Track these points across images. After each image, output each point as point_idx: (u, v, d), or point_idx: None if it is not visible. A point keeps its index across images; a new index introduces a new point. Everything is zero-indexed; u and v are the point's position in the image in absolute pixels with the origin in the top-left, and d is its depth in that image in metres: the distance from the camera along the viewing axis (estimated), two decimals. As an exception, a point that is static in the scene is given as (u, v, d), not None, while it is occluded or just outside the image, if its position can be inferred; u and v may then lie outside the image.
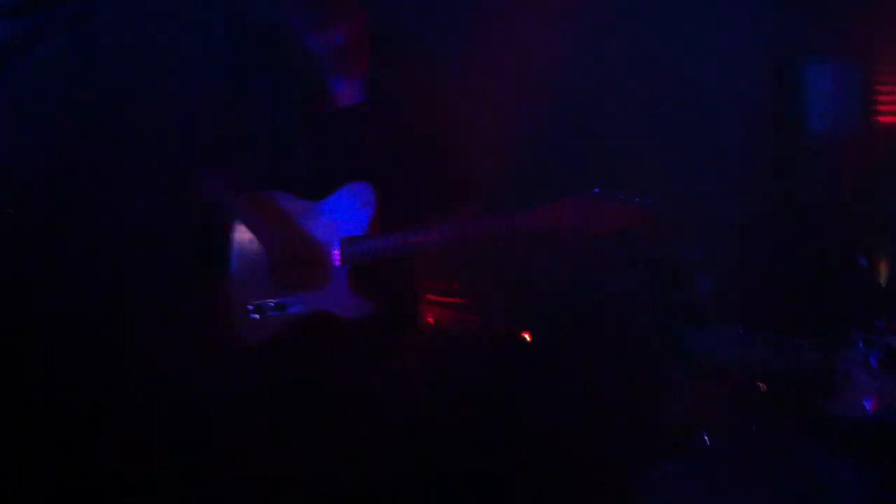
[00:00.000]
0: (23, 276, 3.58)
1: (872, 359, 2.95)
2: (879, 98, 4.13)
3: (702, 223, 3.78)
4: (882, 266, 3.61)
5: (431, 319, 3.92)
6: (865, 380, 2.97)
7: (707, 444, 3.17)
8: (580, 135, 4.00)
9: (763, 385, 3.23)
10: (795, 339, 3.23)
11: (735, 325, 3.34)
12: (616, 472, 3.45)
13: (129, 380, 3.57)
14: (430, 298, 3.96)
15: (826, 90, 4.13)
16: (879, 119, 4.13)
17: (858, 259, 3.60)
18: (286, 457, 3.18)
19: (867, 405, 2.96)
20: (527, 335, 3.86)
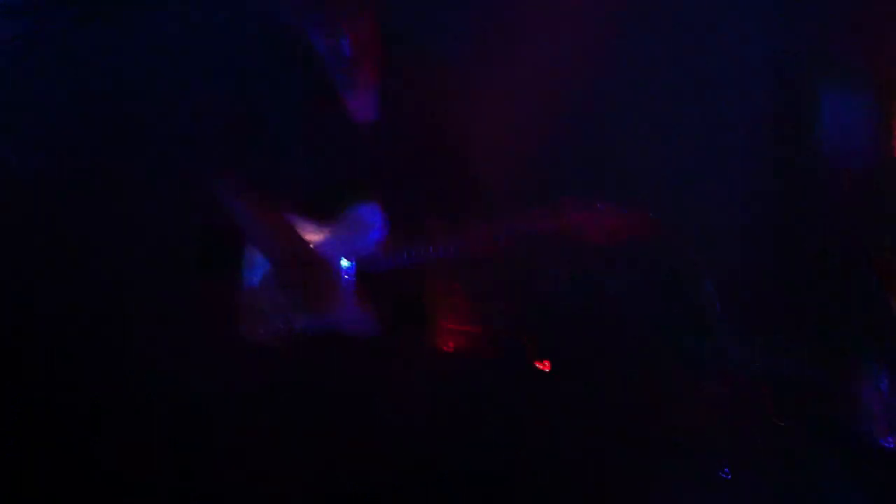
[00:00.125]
0: (23, 276, 3.58)
1: (883, 384, 2.96)
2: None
3: (704, 225, 3.78)
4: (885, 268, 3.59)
5: (449, 348, 3.84)
6: (876, 404, 2.97)
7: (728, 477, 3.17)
8: (583, 138, 4.00)
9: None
10: (806, 356, 3.23)
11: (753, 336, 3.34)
12: (616, 473, 3.46)
13: (129, 380, 3.57)
14: (449, 327, 3.88)
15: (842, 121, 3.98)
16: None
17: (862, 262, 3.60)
18: (286, 457, 3.18)
19: (874, 427, 2.97)
20: (546, 366, 3.81)
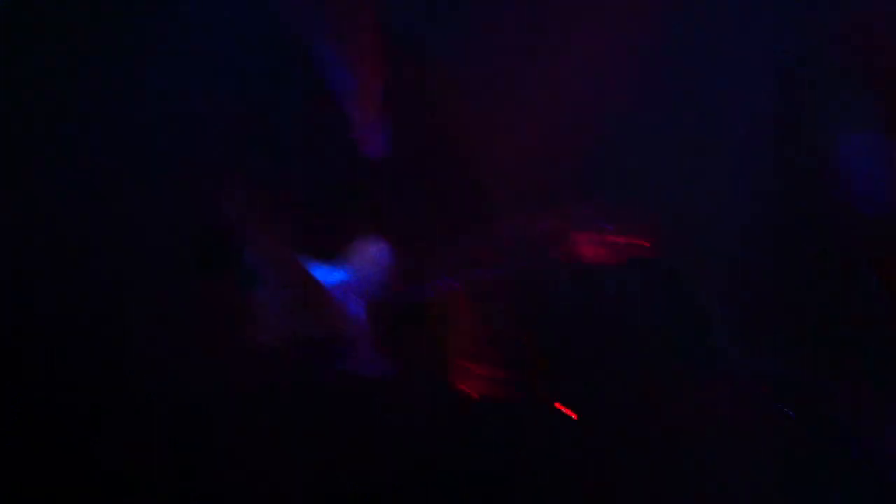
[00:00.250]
0: (23, 276, 3.58)
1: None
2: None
3: (704, 225, 3.78)
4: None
5: (474, 393, 3.81)
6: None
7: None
8: (583, 138, 3.99)
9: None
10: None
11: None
12: (616, 473, 3.46)
13: (129, 380, 3.57)
14: (472, 369, 3.84)
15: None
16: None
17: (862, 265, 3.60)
18: (286, 457, 3.18)
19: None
20: (571, 413, 3.77)
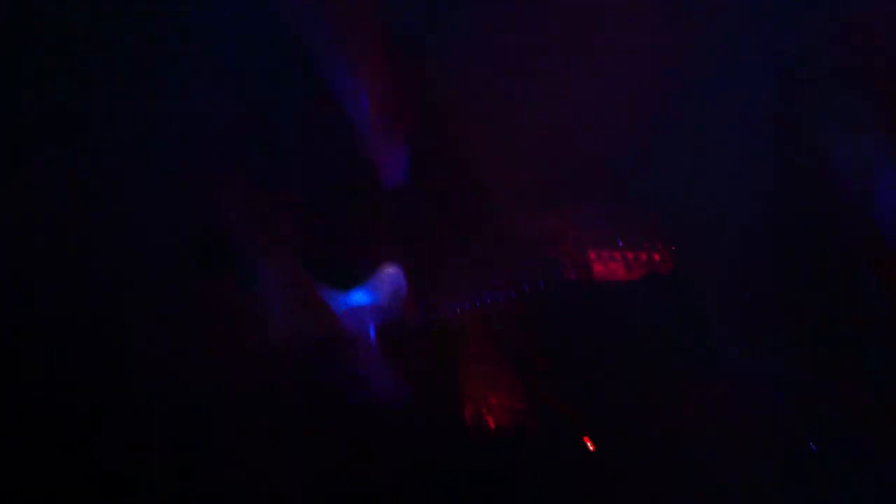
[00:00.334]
0: (23, 276, 3.58)
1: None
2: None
3: (704, 225, 3.78)
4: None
5: (493, 423, 3.78)
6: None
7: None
8: (583, 138, 3.99)
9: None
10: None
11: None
12: (616, 473, 3.46)
13: (129, 380, 3.57)
14: (493, 401, 3.81)
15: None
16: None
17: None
18: (286, 457, 3.18)
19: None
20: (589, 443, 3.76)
